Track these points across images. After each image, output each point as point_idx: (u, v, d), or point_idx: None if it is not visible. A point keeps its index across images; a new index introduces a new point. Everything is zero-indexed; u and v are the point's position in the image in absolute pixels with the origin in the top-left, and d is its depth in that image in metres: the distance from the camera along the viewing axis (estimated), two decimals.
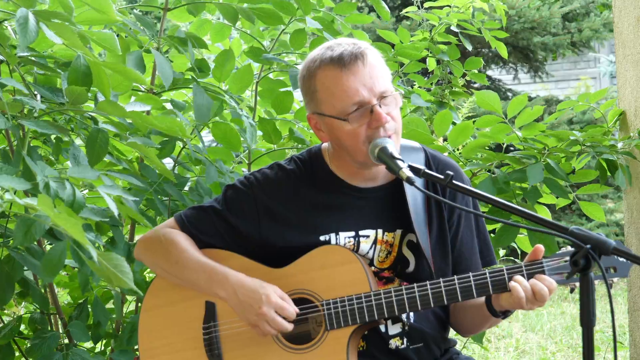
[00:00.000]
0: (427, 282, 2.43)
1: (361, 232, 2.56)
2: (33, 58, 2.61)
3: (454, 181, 2.27)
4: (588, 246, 2.03)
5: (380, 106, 2.43)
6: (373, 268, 2.57)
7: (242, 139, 3.40)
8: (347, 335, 2.46)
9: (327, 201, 2.57)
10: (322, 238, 2.55)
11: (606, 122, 3.90)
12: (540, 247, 2.42)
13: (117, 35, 3.26)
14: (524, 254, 3.63)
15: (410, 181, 2.30)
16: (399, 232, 2.57)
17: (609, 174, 3.63)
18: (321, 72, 2.46)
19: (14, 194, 1.93)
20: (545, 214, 3.76)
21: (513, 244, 3.80)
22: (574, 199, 3.70)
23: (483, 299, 2.47)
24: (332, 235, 2.55)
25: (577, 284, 2.32)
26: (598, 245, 2.03)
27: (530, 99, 10.91)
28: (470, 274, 2.41)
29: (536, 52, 11.17)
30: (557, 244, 3.43)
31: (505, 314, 2.46)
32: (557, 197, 3.77)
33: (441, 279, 2.43)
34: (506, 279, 2.38)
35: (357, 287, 2.47)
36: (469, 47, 4.10)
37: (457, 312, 2.64)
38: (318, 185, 2.59)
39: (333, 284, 2.48)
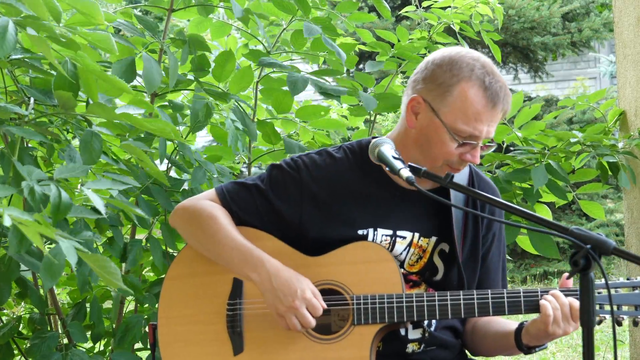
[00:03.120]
0: (460, 292, 2.44)
1: (399, 232, 2.54)
2: (27, 60, 2.60)
3: (454, 182, 2.27)
4: (588, 246, 2.03)
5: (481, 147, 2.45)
6: (402, 270, 2.55)
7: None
8: (374, 332, 2.44)
9: (370, 195, 2.55)
10: (360, 232, 2.53)
11: (606, 122, 3.90)
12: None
13: (122, 35, 3.25)
14: (524, 253, 3.64)
15: (410, 181, 2.29)
16: (433, 239, 2.56)
17: (610, 173, 3.63)
18: (470, 86, 2.42)
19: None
20: (545, 213, 3.76)
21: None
22: (574, 198, 3.70)
23: (512, 328, 2.48)
24: (370, 230, 2.53)
25: (623, 317, 2.38)
26: (598, 245, 2.03)
27: (530, 99, 10.91)
28: (504, 290, 2.43)
29: (536, 52, 11.17)
30: (557, 244, 3.43)
31: (529, 350, 2.46)
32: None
33: (475, 291, 2.43)
34: (540, 299, 2.40)
35: (390, 286, 2.45)
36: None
37: (475, 334, 2.63)
38: (365, 178, 2.56)
39: (365, 280, 2.46)
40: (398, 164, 2.34)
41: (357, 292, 2.47)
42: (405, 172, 2.31)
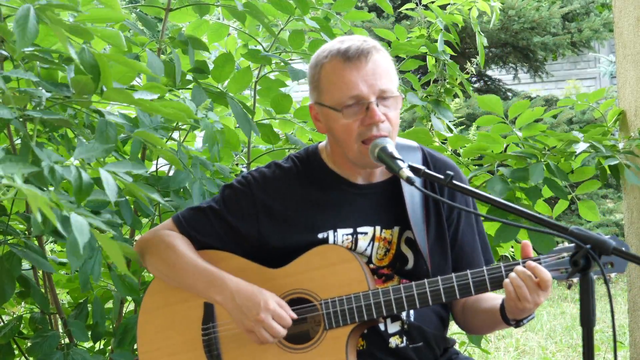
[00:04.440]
0: (425, 280, 2.44)
1: (359, 229, 2.56)
2: (37, 53, 2.61)
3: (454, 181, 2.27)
4: (588, 246, 2.04)
5: (377, 105, 2.44)
6: (371, 265, 2.57)
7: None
8: (346, 334, 2.46)
9: (324, 198, 2.58)
10: (320, 235, 2.55)
11: (606, 122, 3.90)
12: (527, 243, 2.43)
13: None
14: None
15: (410, 181, 2.30)
16: (396, 229, 2.58)
17: (609, 172, 3.63)
18: (327, 63, 2.48)
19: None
20: (545, 210, 3.77)
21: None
22: (573, 198, 3.70)
23: (497, 304, 2.48)
24: (330, 232, 2.55)
25: (575, 280, 2.33)
26: (598, 245, 2.03)
27: (530, 99, 10.90)
28: (468, 271, 2.42)
29: (536, 52, 11.16)
30: (557, 244, 3.43)
31: (518, 323, 2.46)
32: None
33: (439, 277, 2.44)
34: (504, 275, 2.39)
35: (355, 286, 2.47)
36: (441, 47, 4.06)
37: (466, 313, 2.64)
38: (315, 183, 2.60)
39: (331, 283, 2.49)
40: (397, 164, 2.35)
41: (324, 296, 2.49)
42: (405, 172, 2.32)
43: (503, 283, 2.37)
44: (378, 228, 2.57)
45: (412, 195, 2.56)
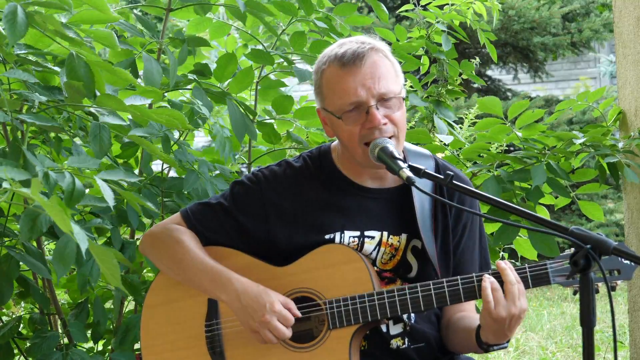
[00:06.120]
0: (430, 282, 2.43)
1: (366, 233, 2.56)
2: (31, 57, 2.61)
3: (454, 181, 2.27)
4: (588, 246, 2.03)
5: (377, 108, 2.43)
6: (375, 268, 2.56)
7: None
8: (350, 334, 2.46)
9: (333, 200, 2.57)
10: (327, 236, 2.54)
11: (605, 121, 3.90)
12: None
13: (121, 36, 3.26)
14: (523, 258, 3.64)
15: (410, 181, 2.30)
16: (404, 236, 2.57)
17: (608, 172, 3.62)
18: (327, 69, 2.49)
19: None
20: (544, 214, 3.75)
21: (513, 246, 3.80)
22: (573, 198, 3.70)
23: (475, 325, 2.45)
24: (338, 234, 2.54)
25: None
26: (598, 245, 2.03)
27: (530, 99, 10.91)
28: (474, 274, 2.42)
29: (536, 52, 11.17)
30: (557, 244, 3.42)
31: (488, 348, 2.42)
32: (556, 197, 3.76)
33: (444, 279, 2.43)
34: (474, 282, 2.39)
35: (360, 286, 2.46)
36: (447, 47, 4.06)
37: (448, 329, 2.62)
38: (325, 184, 2.59)
39: (336, 283, 2.48)
40: (397, 164, 2.34)
41: (329, 296, 2.48)
42: (405, 172, 2.31)
43: (481, 287, 2.34)
44: (385, 233, 2.56)
45: (422, 203, 2.55)
